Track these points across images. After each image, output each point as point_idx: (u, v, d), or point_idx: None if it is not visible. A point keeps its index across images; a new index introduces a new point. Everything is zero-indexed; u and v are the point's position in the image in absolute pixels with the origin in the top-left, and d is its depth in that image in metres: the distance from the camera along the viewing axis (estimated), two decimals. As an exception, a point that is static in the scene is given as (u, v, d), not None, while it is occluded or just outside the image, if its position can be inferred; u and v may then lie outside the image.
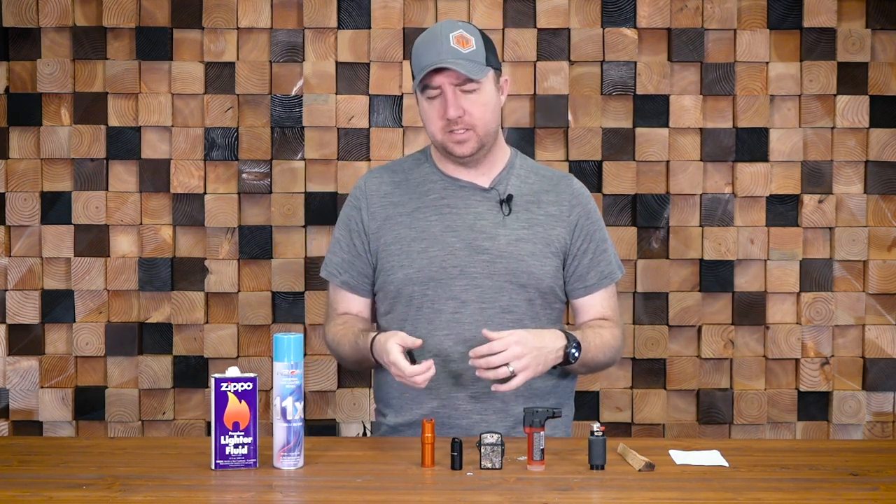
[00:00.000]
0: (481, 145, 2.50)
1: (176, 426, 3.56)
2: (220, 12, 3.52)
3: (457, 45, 2.44)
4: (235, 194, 3.55)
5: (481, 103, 2.46)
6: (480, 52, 2.46)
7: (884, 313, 3.56)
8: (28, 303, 3.54)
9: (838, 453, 2.36)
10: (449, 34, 2.45)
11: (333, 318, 2.62)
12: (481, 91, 2.46)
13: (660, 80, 3.54)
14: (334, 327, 2.58)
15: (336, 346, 2.57)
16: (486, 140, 2.50)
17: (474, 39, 2.46)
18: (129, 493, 2.02)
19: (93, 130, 3.53)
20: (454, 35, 2.45)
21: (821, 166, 3.56)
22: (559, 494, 2.02)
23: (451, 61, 2.42)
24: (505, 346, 2.30)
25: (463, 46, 2.44)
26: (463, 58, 2.43)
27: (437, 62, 2.42)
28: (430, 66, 2.43)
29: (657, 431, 3.58)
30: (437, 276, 2.51)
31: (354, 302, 2.61)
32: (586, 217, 2.59)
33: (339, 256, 2.61)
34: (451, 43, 2.44)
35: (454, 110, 2.44)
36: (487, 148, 2.53)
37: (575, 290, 2.59)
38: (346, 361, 2.57)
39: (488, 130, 2.49)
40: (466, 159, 2.51)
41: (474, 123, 2.47)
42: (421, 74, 2.45)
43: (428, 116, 2.49)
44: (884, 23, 3.55)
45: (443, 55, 2.43)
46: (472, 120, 2.46)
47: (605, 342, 2.52)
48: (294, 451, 2.18)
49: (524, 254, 2.52)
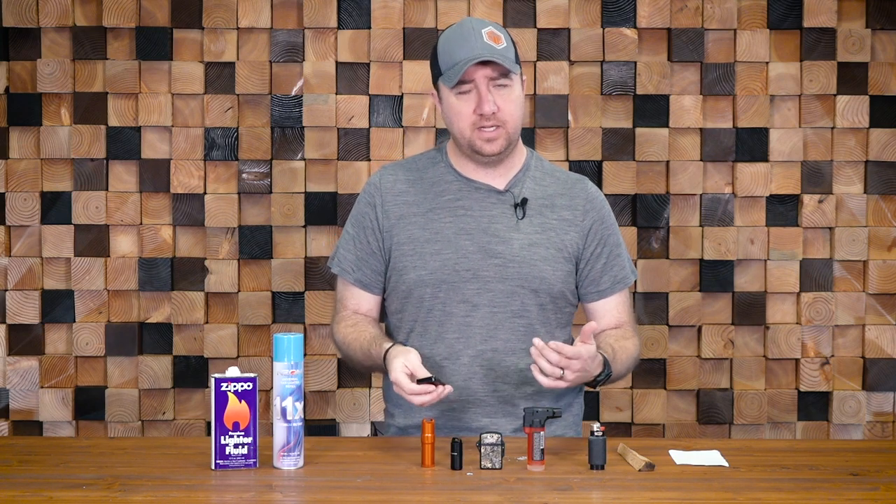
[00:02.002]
0: (509, 143, 2.49)
1: (176, 426, 3.56)
2: (220, 12, 3.52)
3: (490, 41, 2.43)
4: (235, 194, 3.55)
5: (513, 100, 2.46)
6: (511, 49, 2.46)
7: (884, 313, 3.56)
8: (28, 303, 3.54)
9: (838, 453, 2.36)
10: (482, 30, 2.44)
11: (342, 316, 2.60)
12: (513, 87, 2.46)
13: (660, 80, 3.54)
14: (344, 328, 2.56)
15: (346, 348, 2.55)
16: (514, 138, 2.50)
17: (503, 36, 2.46)
18: (129, 493, 2.02)
19: (93, 130, 3.53)
20: (486, 31, 2.44)
21: (821, 166, 3.56)
22: (559, 494, 2.02)
23: (491, 55, 2.41)
24: (576, 356, 2.27)
25: (496, 43, 2.44)
26: (498, 53, 2.43)
27: (477, 56, 2.41)
28: (471, 60, 2.41)
29: (657, 431, 3.58)
30: (449, 278, 2.50)
31: (365, 299, 2.60)
32: (600, 222, 2.58)
33: (352, 253, 2.59)
34: (485, 38, 2.43)
35: (489, 105, 2.43)
36: (513, 147, 2.52)
37: (588, 294, 2.59)
38: (355, 364, 2.56)
39: (517, 129, 2.49)
40: (493, 158, 2.50)
41: (506, 120, 2.45)
42: (457, 68, 2.42)
43: (457, 112, 2.47)
44: (884, 23, 3.55)
45: (479, 49, 2.42)
46: (504, 116, 2.45)
47: (630, 356, 2.52)
48: (294, 451, 2.18)
49: (537, 259, 2.51)
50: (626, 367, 2.52)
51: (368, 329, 2.53)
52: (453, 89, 2.45)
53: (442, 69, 2.47)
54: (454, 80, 2.43)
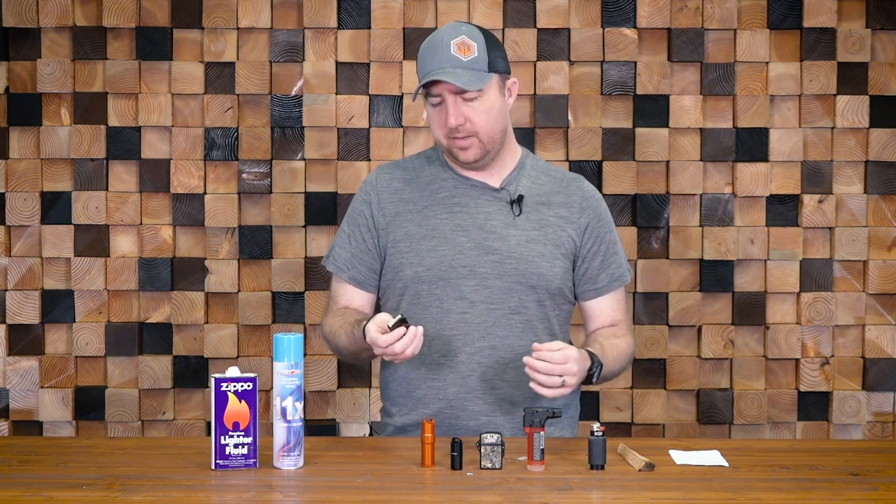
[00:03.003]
0: (485, 152, 2.49)
1: (176, 426, 3.56)
2: (220, 12, 3.52)
3: (457, 52, 2.42)
4: (235, 194, 3.55)
5: (483, 110, 2.45)
6: (482, 58, 2.44)
7: (884, 313, 3.56)
8: (28, 303, 3.54)
9: (838, 453, 2.36)
10: (450, 41, 2.43)
11: (332, 311, 2.60)
12: (483, 98, 2.45)
13: (660, 80, 3.54)
14: (332, 318, 2.56)
15: (333, 338, 2.54)
16: (491, 146, 2.50)
17: (476, 46, 2.44)
18: (129, 493, 2.02)
19: (93, 130, 3.53)
20: (455, 42, 2.43)
21: (821, 166, 3.56)
22: (559, 494, 2.02)
23: (450, 71, 2.41)
24: (565, 360, 2.28)
25: (464, 54, 2.42)
26: (463, 66, 2.41)
27: (435, 71, 2.42)
28: (429, 76, 2.42)
29: (657, 431, 3.58)
30: (446, 275, 2.50)
31: (357, 296, 2.60)
32: (597, 219, 2.59)
33: (347, 251, 2.59)
34: (451, 50, 2.42)
35: (454, 119, 2.44)
36: (493, 153, 2.52)
37: (585, 292, 2.59)
38: (343, 353, 2.55)
39: (492, 137, 2.48)
40: (471, 165, 2.51)
41: (476, 131, 2.46)
42: (423, 81, 2.44)
43: (433, 121, 2.50)
44: (884, 23, 3.55)
45: (443, 63, 2.42)
46: (474, 127, 2.45)
47: (622, 353, 2.52)
48: (294, 451, 2.18)
49: (534, 255, 2.51)
50: (618, 363, 2.51)
51: (353, 316, 2.52)
52: (426, 100, 2.48)
53: (419, 78, 2.49)
54: (423, 92, 2.46)
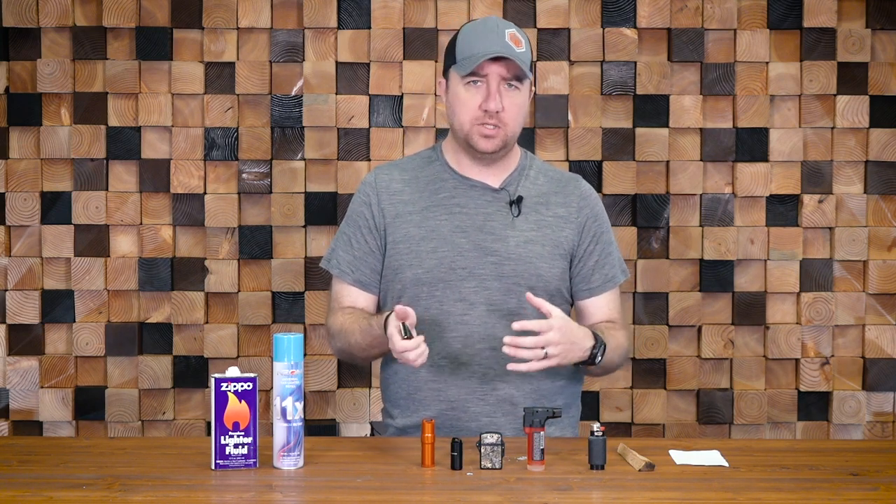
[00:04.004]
0: (504, 145, 2.50)
1: (176, 426, 3.56)
2: (220, 12, 3.52)
3: (511, 42, 2.45)
4: (235, 194, 3.55)
5: (517, 104, 2.48)
6: (528, 55, 2.48)
7: (884, 313, 3.56)
8: (28, 303, 3.54)
9: (838, 453, 2.36)
10: (505, 30, 2.46)
11: (337, 310, 2.58)
12: (521, 93, 2.48)
13: (660, 80, 3.54)
14: (341, 316, 2.55)
15: (344, 334, 2.52)
16: (510, 141, 2.52)
17: (524, 42, 2.48)
18: (129, 493, 2.02)
19: (93, 130, 3.53)
20: (509, 32, 2.46)
21: (821, 166, 3.56)
22: (559, 494, 2.02)
23: (511, 54, 2.43)
24: (548, 328, 2.29)
25: (516, 45, 2.46)
26: (516, 55, 2.45)
27: (497, 51, 2.43)
28: (491, 54, 2.42)
29: (657, 431, 3.58)
30: (445, 277, 2.50)
31: (361, 298, 2.59)
32: (594, 219, 2.59)
33: (349, 254, 2.58)
34: (506, 38, 2.45)
35: (495, 103, 2.44)
36: (508, 149, 2.53)
37: (580, 291, 2.59)
38: (353, 348, 2.53)
39: (515, 132, 2.51)
40: (487, 156, 2.51)
41: (507, 122, 2.47)
42: (473, 59, 2.44)
43: (462, 103, 2.48)
44: (884, 23, 3.55)
45: (499, 47, 2.44)
46: (506, 118, 2.47)
47: (619, 344, 2.53)
48: (294, 451, 2.18)
49: (533, 256, 2.52)
50: (617, 353, 2.51)
51: (366, 313, 2.54)
52: (464, 79, 2.47)
53: (457, 58, 2.48)
54: (467, 70, 2.45)
